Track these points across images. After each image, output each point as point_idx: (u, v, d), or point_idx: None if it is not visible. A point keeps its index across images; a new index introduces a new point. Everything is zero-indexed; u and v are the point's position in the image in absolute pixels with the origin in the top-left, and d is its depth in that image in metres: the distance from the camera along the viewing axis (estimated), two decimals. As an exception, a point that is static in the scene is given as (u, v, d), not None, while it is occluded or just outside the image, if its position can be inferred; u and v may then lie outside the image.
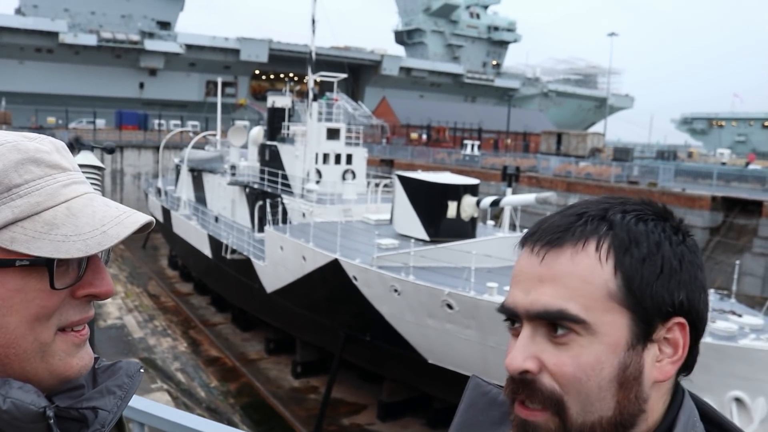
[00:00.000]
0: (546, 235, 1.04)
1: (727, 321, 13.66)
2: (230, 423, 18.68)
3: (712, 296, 14.72)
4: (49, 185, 1.06)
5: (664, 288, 1.00)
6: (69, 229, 1.04)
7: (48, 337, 1.06)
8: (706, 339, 12.53)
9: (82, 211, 1.07)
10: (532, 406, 1.02)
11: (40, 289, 1.04)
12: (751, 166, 47.52)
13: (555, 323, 1.00)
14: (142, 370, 1.25)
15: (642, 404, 1.01)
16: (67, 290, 1.07)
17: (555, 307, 0.99)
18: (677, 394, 1.06)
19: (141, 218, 1.10)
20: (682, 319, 1.02)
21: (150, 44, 79.89)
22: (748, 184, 33.40)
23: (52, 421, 1.04)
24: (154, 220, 1.14)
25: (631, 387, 1.00)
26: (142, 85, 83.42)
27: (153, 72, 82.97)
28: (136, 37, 79.04)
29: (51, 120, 67.55)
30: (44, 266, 1.03)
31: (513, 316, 1.07)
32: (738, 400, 12.51)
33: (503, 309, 1.08)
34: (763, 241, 25.09)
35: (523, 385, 1.02)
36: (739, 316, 14.34)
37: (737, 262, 19.62)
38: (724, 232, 27.30)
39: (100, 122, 67.42)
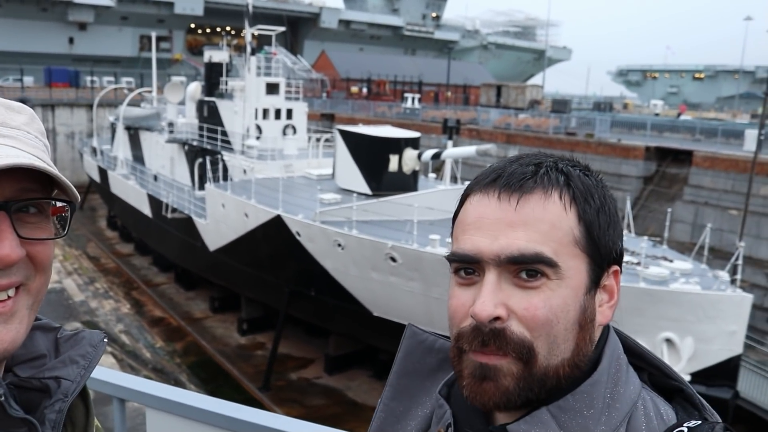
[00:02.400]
0: (513, 181, 1.05)
1: (659, 266, 14.21)
2: (177, 382, 18.68)
3: (646, 243, 15.24)
4: None
5: (612, 237, 1.08)
6: None
7: None
8: (640, 284, 13.04)
9: None
10: (499, 353, 1.02)
11: None
12: (683, 117, 48.91)
13: (525, 268, 1.01)
14: (105, 340, 1.24)
15: (592, 345, 1.08)
16: None
17: (531, 251, 1.01)
18: (604, 330, 1.12)
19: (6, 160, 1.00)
20: (617, 267, 1.11)
21: (78, -3, 76.55)
22: (680, 135, 34.44)
23: (2, 399, 1.02)
24: (35, 164, 1.02)
25: (588, 329, 1.06)
26: (71, 41, 79.97)
27: (83, 26, 79.55)
28: (62, -11, 75.60)
29: (-26, 77, 64.62)
30: None
31: (472, 263, 1.06)
32: (668, 340, 13.12)
33: (462, 256, 1.07)
34: (693, 189, 25.98)
35: (493, 335, 1.01)
36: (670, 261, 14.94)
37: (669, 209, 20.33)
38: (656, 181, 28.15)
39: (28, 80, 64.70)
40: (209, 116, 28.51)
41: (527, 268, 1.01)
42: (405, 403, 1.26)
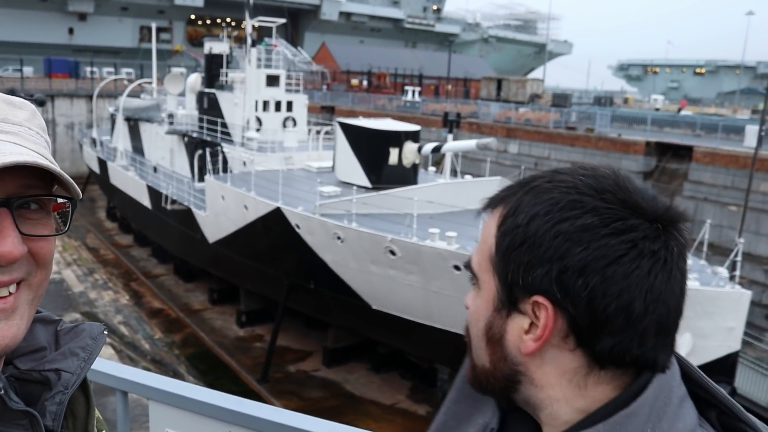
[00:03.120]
0: (494, 197, 1.11)
1: (658, 262, 14.19)
2: (176, 374, 18.72)
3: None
4: None
5: (521, 261, 1.00)
6: None
7: None
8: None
9: None
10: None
11: None
12: (683, 112, 48.87)
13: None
14: (105, 332, 1.24)
15: (514, 367, 1.04)
16: None
17: (468, 259, 1.12)
18: (634, 386, 1.00)
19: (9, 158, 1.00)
20: (540, 298, 0.98)
21: (78, -13, 76.34)
22: (680, 130, 34.38)
23: (2, 392, 1.02)
24: (38, 162, 1.02)
25: (496, 346, 1.05)
26: (71, 31, 79.77)
27: (83, 17, 79.32)
28: (62, -21, 75.38)
29: (-27, 67, 64.46)
30: None
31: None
32: (667, 335, 13.12)
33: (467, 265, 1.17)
34: (693, 184, 26.00)
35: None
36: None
37: (669, 204, 20.29)
38: (657, 176, 28.16)
39: (28, 70, 64.47)
40: (209, 108, 28.48)
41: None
42: (468, 408, 1.24)
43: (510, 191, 1.07)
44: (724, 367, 13.42)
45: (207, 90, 29.47)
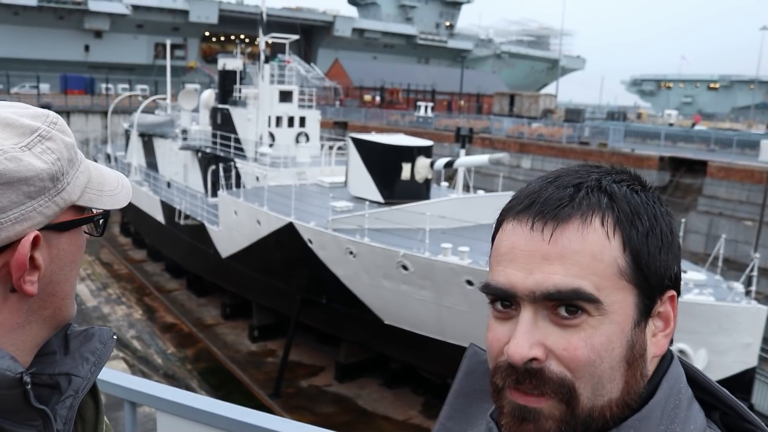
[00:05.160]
0: (548, 208, 0.95)
1: (673, 277, 14.08)
2: (188, 388, 18.71)
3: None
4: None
5: (665, 262, 0.96)
6: (108, 185, 1.19)
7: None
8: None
9: (99, 170, 1.21)
10: (536, 392, 0.94)
11: (83, 244, 1.17)
12: (697, 127, 48.71)
13: (563, 304, 0.93)
14: (115, 337, 1.24)
15: (644, 381, 0.98)
16: None
17: (569, 287, 0.91)
18: (664, 359, 1.02)
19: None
20: (673, 292, 0.99)
21: (94, 5, 77.16)
22: (694, 145, 34.27)
23: (29, 386, 1.02)
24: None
25: (638, 365, 0.96)
26: (87, 48, 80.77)
27: (98, 34, 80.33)
28: (79, -3, 76.39)
29: (-8, 84, 65.22)
30: (100, 219, 1.18)
31: (507, 298, 0.98)
32: (682, 352, 12.99)
33: (495, 289, 0.98)
34: (707, 199, 25.82)
35: (528, 375, 0.93)
36: (684, 272, 14.80)
37: (683, 220, 20.21)
38: (671, 191, 27.99)
39: (44, 87, 65.28)
40: (223, 123, 28.65)
41: (566, 304, 0.93)
42: (462, 423, 1.19)
43: (576, 201, 0.96)
44: (740, 384, 13.24)
45: (220, 106, 29.66)
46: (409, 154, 20.00)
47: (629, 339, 0.94)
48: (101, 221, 1.19)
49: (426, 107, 53.15)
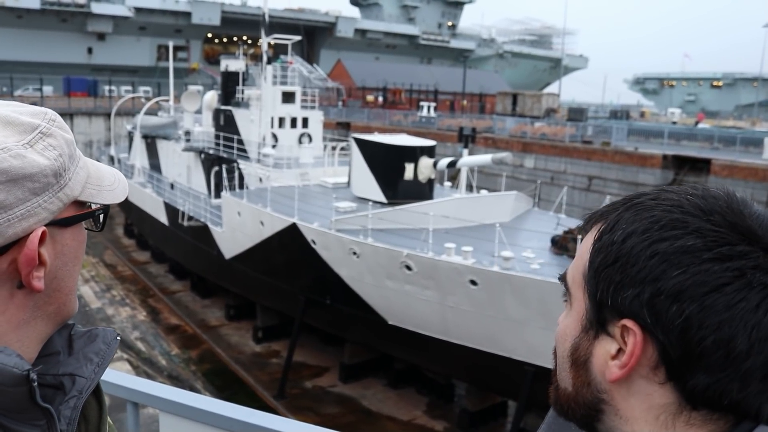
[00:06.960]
0: (589, 217, 1.07)
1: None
2: (192, 390, 18.72)
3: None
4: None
5: (609, 279, 0.94)
6: (106, 180, 1.21)
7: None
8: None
9: (96, 166, 1.23)
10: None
11: (84, 239, 1.20)
12: (700, 125, 48.54)
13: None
14: (119, 338, 1.25)
15: (597, 394, 0.97)
16: None
17: (563, 273, 1.06)
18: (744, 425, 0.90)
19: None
20: (629, 322, 0.91)
21: (97, 7, 77.27)
22: (698, 143, 34.19)
23: (35, 384, 1.02)
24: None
25: (580, 370, 0.98)
26: (90, 50, 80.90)
27: (101, 36, 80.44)
28: (82, 0, 76.47)
29: (-5, 87, 65.43)
30: (100, 214, 1.21)
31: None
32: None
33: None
34: (712, 197, 25.72)
35: None
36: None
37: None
38: (674, 190, 27.92)
39: (48, 89, 65.41)
40: (225, 125, 28.68)
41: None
42: None
43: (611, 207, 1.01)
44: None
45: (223, 107, 29.70)
46: (412, 154, 20.00)
47: (575, 340, 1.00)
48: (101, 216, 1.21)
49: (429, 107, 53.13)
